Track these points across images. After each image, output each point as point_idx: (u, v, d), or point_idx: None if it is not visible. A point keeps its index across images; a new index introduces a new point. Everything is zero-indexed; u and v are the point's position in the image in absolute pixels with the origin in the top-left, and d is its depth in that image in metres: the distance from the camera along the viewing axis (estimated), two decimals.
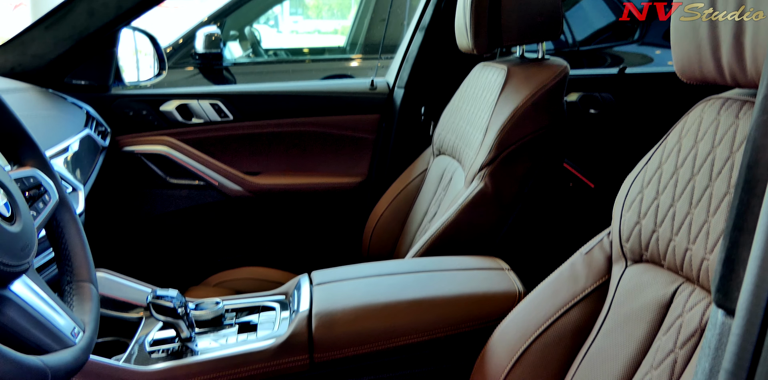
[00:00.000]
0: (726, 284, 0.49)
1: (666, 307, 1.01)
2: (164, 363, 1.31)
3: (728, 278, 0.49)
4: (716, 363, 0.49)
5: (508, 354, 1.22)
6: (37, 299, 0.92)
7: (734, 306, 0.48)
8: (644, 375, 0.99)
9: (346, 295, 1.44)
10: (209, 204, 2.55)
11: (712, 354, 0.49)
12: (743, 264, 0.48)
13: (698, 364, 0.52)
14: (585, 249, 1.24)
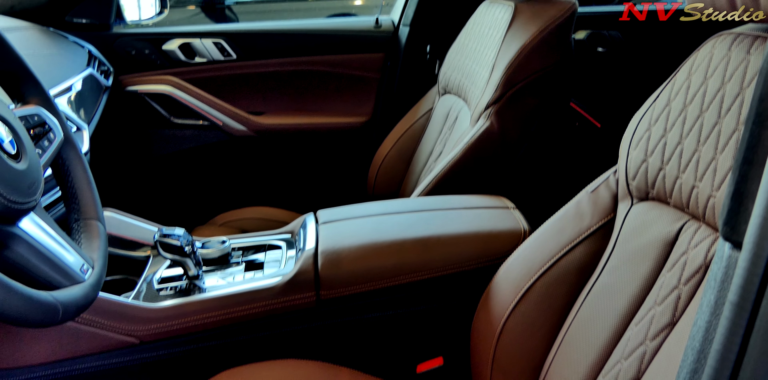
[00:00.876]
0: (734, 217, 0.49)
1: (671, 244, 1.01)
2: (172, 300, 1.33)
3: (736, 211, 0.49)
4: (721, 296, 0.49)
5: (512, 291, 1.23)
6: (46, 236, 0.93)
7: (741, 239, 0.48)
8: (648, 311, 1.00)
9: (352, 234, 1.45)
10: (213, 144, 2.54)
11: (718, 286, 0.50)
12: (752, 197, 0.47)
13: (703, 297, 0.52)
14: (591, 187, 1.24)
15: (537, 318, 1.20)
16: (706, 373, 0.49)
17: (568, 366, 1.10)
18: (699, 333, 0.51)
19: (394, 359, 1.47)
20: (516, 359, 1.22)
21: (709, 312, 0.50)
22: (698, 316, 0.52)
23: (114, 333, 1.26)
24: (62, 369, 1.23)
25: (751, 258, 0.46)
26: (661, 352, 0.94)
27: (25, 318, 0.80)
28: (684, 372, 0.52)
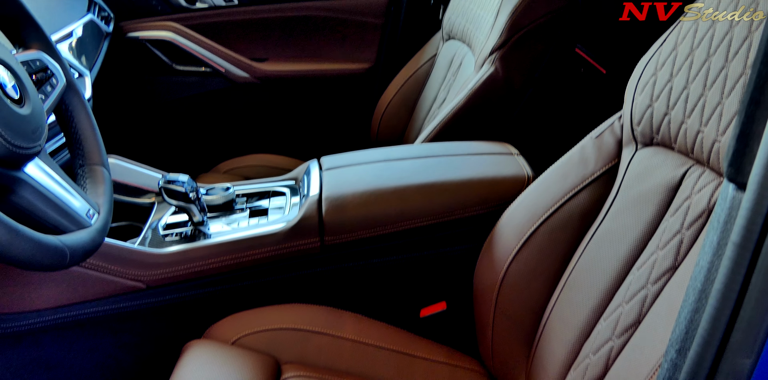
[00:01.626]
0: (739, 158, 0.49)
1: (675, 189, 1.02)
2: (178, 245, 1.34)
3: (741, 152, 0.49)
4: (724, 237, 0.49)
5: (516, 236, 1.24)
6: (51, 181, 0.93)
7: (746, 181, 0.48)
8: (650, 255, 1.00)
9: (356, 180, 1.45)
10: (216, 91, 2.53)
11: (721, 227, 0.50)
12: (757, 138, 0.47)
13: (706, 238, 0.53)
14: (595, 133, 1.24)
15: (539, 263, 1.21)
16: (707, 312, 0.49)
17: (570, 310, 1.12)
18: (701, 273, 0.52)
19: (397, 304, 1.49)
20: (518, 303, 1.23)
21: (711, 252, 0.51)
22: (700, 257, 0.53)
23: (121, 278, 1.27)
24: (70, 314, 1.25)
25: (754, 199, 0.47)
26: (662, 296, 0.95)
27: (33, 261, 0.81)
28: (685, 312, 0.52)
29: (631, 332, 0.97)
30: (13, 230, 0.77)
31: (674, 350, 0.53)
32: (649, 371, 0.89)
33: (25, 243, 0.79)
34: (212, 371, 1.16)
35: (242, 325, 1.29)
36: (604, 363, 0.99)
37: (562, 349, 1.10)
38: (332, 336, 1.30)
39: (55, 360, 1.29)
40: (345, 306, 1.38)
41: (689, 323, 0.52)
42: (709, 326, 0.49)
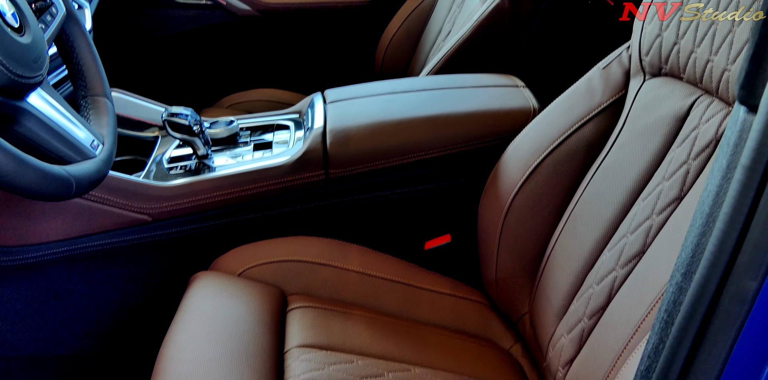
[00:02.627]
0: (751, 80, 0.48)
1: (682, 120, 1.01)
2: (183, 178, 1.34)
3: (754, 74, 0.48)
4: (734, 160, 0.49)
5: (521, 168, 1.24)
6: (54, 112, 0.92)
7: (757, 103, 0.47)
8: (655, 186, 1.00)
9: (360, 112, 1.44)
10: (218, 24, 2.49)
11: (731, 150, 0.49)
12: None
13: (715, 162, 0.52)
14: (602, 64, 1.22)
15: (544, 195, 1.21)
16: (714, 235, 0.49)
17: (574, 241, 1.12)
18: (709, 197, 0.52)
19: (402, 236, 1.50)
20: (523, 235, 1.24)
21: (720, 176, 0.51)
22: (709, 181, 0.53)
23: (126, 211, 1.28)
24: (77, 246, 1.26)
25: (766, 121, 0.46)
26: (667, 226, 0.96)
27: (40, 191, 0.81)
28: (692, 236, 0.52)
29: (635, 262, 0.98)
30: (18, 159, 0.77)
31: (680, 274, 0.53)
32: (652, 299, 0.90)
33: (31, 173, 0.79)
34: (219, 301, 1.18)
35: (248, 257, 1.30)
36: (608, 293, 1.00)
37: (565, 280, 1.11)
38: (337, 268, 1.31)
39: (64, 292, 1.31)
40: (350, 239, 1.39)
41: (696, 246, 0.52)
42: (716, 249, 0.49)
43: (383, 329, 1.24)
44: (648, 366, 0.56)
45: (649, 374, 0.56)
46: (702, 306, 0.50)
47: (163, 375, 1.02)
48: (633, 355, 0.87)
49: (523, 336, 1.30)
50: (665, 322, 0.54)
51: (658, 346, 0.55)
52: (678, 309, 0.53)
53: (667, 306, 0.54)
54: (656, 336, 0.55)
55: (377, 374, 1.11)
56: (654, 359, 0.55)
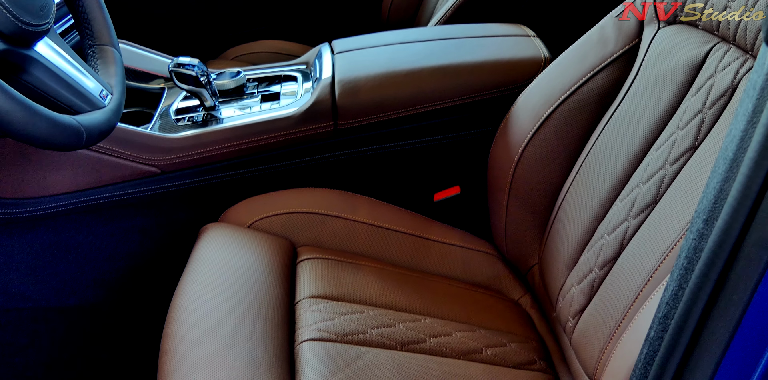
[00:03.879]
0: None
1: (697, 68, 0.99)
2: (191, 130, 1.34)
3: None
4: (760, 103, 0.48)
5: (532, 119, 1.22)
6: (62, 61, 0.91)
7: None
8: (669, 135, 0.99)
9: (369, 62, 1.42)
10: None
11: (757, 94, 0.49)
12: None
13: (740, 107, 0.51)
14: (616, 12, 1.20)
15: (555, 146, 1.20)
16: (737, 181, 0.49)
17: (585, 192, 1.12)
18: (733, 142, 0.51)
19: (411, 188, 1.50)
20: (533, 186, 1.23)
21: (745, 120, 0.50)
22: (733, 126, 0.52)
23: (135, 162, 1.27)
24: (86, 198, 1.26)
25: None
26: (680, 176, 0.95)
27: (50, 140, 0.81)
28: (714, 182, 0.52)
29: (647, 212, 0.97)
30: (28, 108, 0.77)
31: (701, 220, 0.53)
32: (664, 249, 0.89)
33: (41, 122, 0.78)
34: (230, 253, 1.18)
35: (257, 209, 1.30)
36: (619, 243, 1.00)
37: (576, 231, 1.11)
38: (347, 219, 1.31)
39: (74, 244, 1.31)
40: (359, 191, 1.39)
41: (718, 192, 0.51)
42: (740, 195, 0.49)
43: (393, 280, 1.24)
44: (666, 312, 0.56)
45: (668, 320, 0.56)
46: (724, 252, 0.50)
47: (176, 325, 1.03)
48: (645, 305, 0.87)
49: (533, 287, 1.31)
50: (685, 269, 0.54)
51: (677, 293, 0.55)
52: (699, 255, 0.52)
53: (688, 253, 0.54)
54: (675, 283, 0.55)
55: (387, 324, 1.12)
56: (673, 306, 0.55)
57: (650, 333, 0.59)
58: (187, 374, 0.94)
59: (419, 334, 1.11)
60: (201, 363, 0.95)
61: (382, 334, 1.09)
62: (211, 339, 0.99)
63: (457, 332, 1.14)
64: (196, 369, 0.94)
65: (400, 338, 1.09)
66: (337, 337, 1.06)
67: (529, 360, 1.14)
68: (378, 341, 1.08)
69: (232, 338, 0.99)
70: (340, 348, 1.04)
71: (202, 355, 0.96)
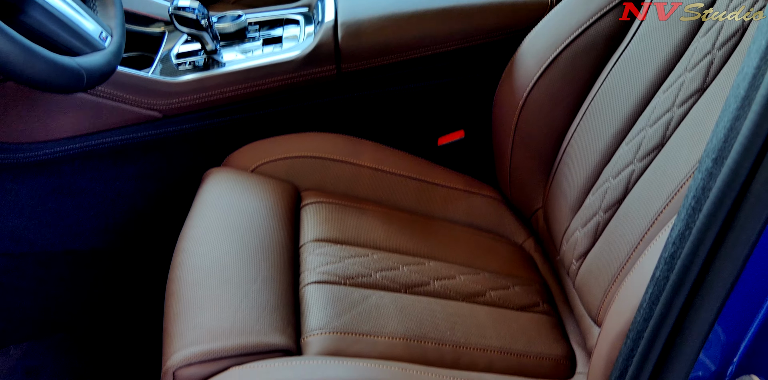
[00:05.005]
0: None
1: (707, 8, 0.97)
2: (192, 74, 1.32)
3: None
4: None
5: (537, 62, 1.21)
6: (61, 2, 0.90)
7: None
8: (677, 77, 0.98)
9: (372, 5, 1.40)
10: None
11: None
12: None
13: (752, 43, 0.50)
14: None
15: (561, 89, 1.19)
16: (749, 119, 0.48)
17: (591, 136, 1.11)
18: (745, 80, 0.50)
19: (415, 132, 1.49)
20: (538, 130, 1.22)
21: (758, 57, 0.49)
22: (745, 63, 0.51)
23: (136, 107, 1.26)
24: (89, 143, 1.25)
25: None
26: (687, 118, 0.94)
27: (50, 82, 0.80)
28: (725, 120, 0.51)
29: (653, 155, 0.97)
30: (27, 49, 0.76)
31: (710, 159, 0.52)
32: (670, 192, 0.89)
33: (41, 63, 0.77)
34: (234, 197, 1.18)
35: (261, 153, 1.30)
36: (624, 186, 1.00)
37: (581, 174, 1.11)
38: (351, 163, 1.30)
39: (78, 189, 1.31)
40: (363, 135, 1.38)
41: (728, 131, 0.50)
42: (750, 133, 0.48)
43: (397, 224, 1.25)
44: (672, 252, 0.56)
45: (674, 260, 0.56)
46: (732, 192, 0.50)
47: (181, 269, 1.04)
48: (650, 247, 0.87)
49: (536, 230, 1.31)
50: (692, 209, 0.54)
51: (684, 233, 0.54)
52: (707, 195, 0.52)
53: (695, 193, 0.54)
54: (682, 223, 0.55)
55: (392, 267, 1.12)
56: (679, 246, 0.55)
57: (656, 273, 0.59)
58: (192, 316, 0.95)
59: (423, 277, 1.12)
60: (206, 305, 0.96)
61: (386, 277, 1.10)
62: (216, 282, 1.00)
63: (461, 275, 1.15)
64: (201, 311, 0.95)
65: (404, 281, 1.10)
66: (342, 280, 1.07)
67: (533, 302, 1.15)
68: (382, 284, 1.08)
69: (237, 281, 1.00)
70: (344, 291, 1.05)
71: (208, 298, 0.97)
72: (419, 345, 0.99)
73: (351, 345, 0.97)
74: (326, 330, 0.98)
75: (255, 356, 0.93)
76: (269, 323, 0.96)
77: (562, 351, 1.07)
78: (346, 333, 0.98)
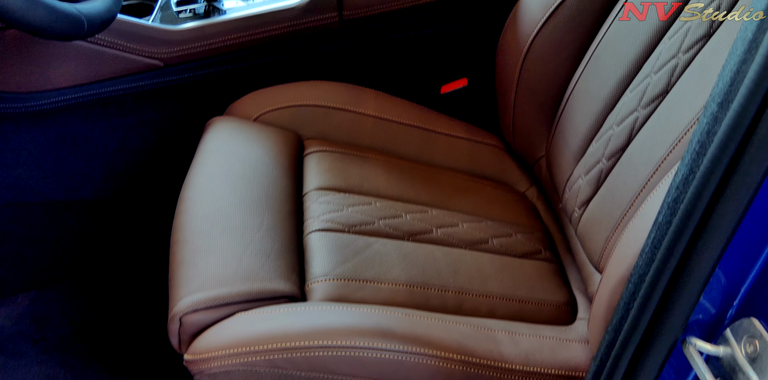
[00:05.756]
0: None
1: None
2: (193, 22, 1.31)
3: None
4: None
5: (542, 8, 1.19)
6: None
7: None
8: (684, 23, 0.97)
9: None
10: None
11: None
12: None
13: None
14: None
15: (565, 36, 1.18)
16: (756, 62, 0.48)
17: (595, 83, 1.10)
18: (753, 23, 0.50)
19: (418, 80, 1.48)
20: (542, 77, 1.22)
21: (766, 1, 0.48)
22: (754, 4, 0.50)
23: (137, 55, 1.26)
24: (90, 92, 1.25)
25: None
26: (693, 65, 0.93)
27: (52, 29, 0.79)
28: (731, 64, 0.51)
29: (657, 102, 0.96)
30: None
31: (715, 103, 0.52)
32: (673, 139, 0.89)
33: (42, 10, 0.77)
34: (237, 145, 1.18)
35: (263, 102, 1.29)
36: (628, 134, 0.99)
37: (585, 122, 1.10)
38: (354, 112, 1.30)
39: (81, 138, 1.31)
40: (365, 84, 1.37)
41: (735, 74, 0.50)
42: (757, 76, 0.48)
43: (400, 172, 1.25)
44: (676, 197, 0.56)
45: (677, 205, 0.56)
46: (737, 136, 0.49)
47: (185, 217, 1.04)
48: (652, 194, 0.87)
49: (539, 178, 1.31)
50: (697, 153, 0.54)
51: (688, 177, 0.54)
52: (711, 139, 0.52)
53: (700, 137, 0.53)
54: (686, 168, 0.55)
55: (395, 215, 1.13)
56: (683, 190, 0.55)
57: (658, 217, 0.59)
58: (198, 263, 0.95)
59: (426, 225, 1.12)
60: (212, 252, 0.97)
61: (390, 225, 1.10)
62: (220, 229, 1.00)
63: (464, 223, 1.16)
64: (207, 258, 0.96)
65: (407, 229, 1.11)
66: (345, 228, 1.07)
67: (535, 250, 1.16)
68: (385, 231, 1.09)
69: (242, 229, 1.01)
70: (348, 239, 1.05)
71: (213, 245, 0.98)
72: (422, 292, 1.00)
73: (355, 291, 0.98)
74: (330, 276, 0.99)
75: (260, 302, 0.94)
76: (274, 270, 0.96)
77: (564, 298, 1.08)
78: (349, 279, 0.99)
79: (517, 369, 0.92)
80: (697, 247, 0.55)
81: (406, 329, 0.90)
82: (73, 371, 1.26)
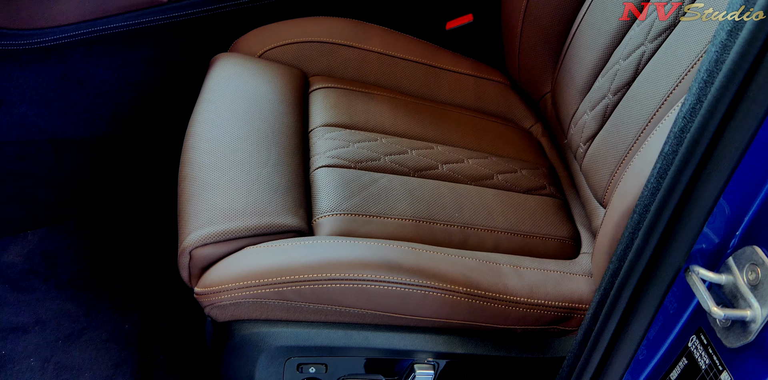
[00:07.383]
0: None
1: None
2: None
3: None
4: None
5: None
6: None
7: None
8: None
9: None
10: None
11: None
12: None
13: None
14: None
15: None
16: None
17: (602, 17, 1.09)
18: None
19: (423, 16, 1.46)
20: (548, 12, 1.20)
21: None
22: None
23: None
24: (94, 29, 1.24)
25: None
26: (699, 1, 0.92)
27: None
28: None
29: (664, 36, 0.96)
30: None
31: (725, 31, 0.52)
32: (680, 73, 0.89)
33: None
34: (242, 82, 1.18)
35: (267, 38, 1.28)
36: (634, 68, 0.99)
37: (591, 57, 1.10)
38: (358, 48, 1.29)
39: (85, 76, 1.31)
40: (371, 20, 1.36)
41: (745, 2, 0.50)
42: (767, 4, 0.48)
43: (405, 109, 1.25)
44: (682, 126, 0.56)
45: (683, 134, 0.56)
46: (746, 63, 0.49)
47: (192, 152, 1.05)
48: (657, 128, 0.87)
49: (544, 115, 1.31)
50: (704, 82, 0.54)
51: (695, 107, 0.54)
52: (719, 68, 0.52)
53: (708, 66, 0.53)
54: (693, 97, 0.55)
55: (400, 151, 1.13)
56: (689, 120, 0.55)
57: (665, 148, 0.59)
58: (206, 197, 0.96)
59: (431, 161, 1.13)
60: (220, 187, 0.97)
61: (395, 161, 1.11)
62: (228, 164, 1.01)
63: (469, 159, 1.16)
64: (215, 192, 0.97)
65: (412, 164, 1.11)
66: (351, 164, 1.08)
67: (539, 185, 1.16)
68: (391, 167, 1.10)
69: (249, 164, 1.01)
70: (354, 174, 1.06)
71: (221, 180, 0.98)
72: (428, 226, 1.02)
73: (362, 225, 0.99)
74: (337, 211, 1.00)
75: (268, 236, 0.95)
76: (281, 204, 0.97)
77: (568, 232, 1.09)
78: (356, 214, 1.00)
79: (522, 301, 0.94)
80: (702, 177, 0.55)
81: (412, 262, 0.92)
82: (84, 306, 1.29)
